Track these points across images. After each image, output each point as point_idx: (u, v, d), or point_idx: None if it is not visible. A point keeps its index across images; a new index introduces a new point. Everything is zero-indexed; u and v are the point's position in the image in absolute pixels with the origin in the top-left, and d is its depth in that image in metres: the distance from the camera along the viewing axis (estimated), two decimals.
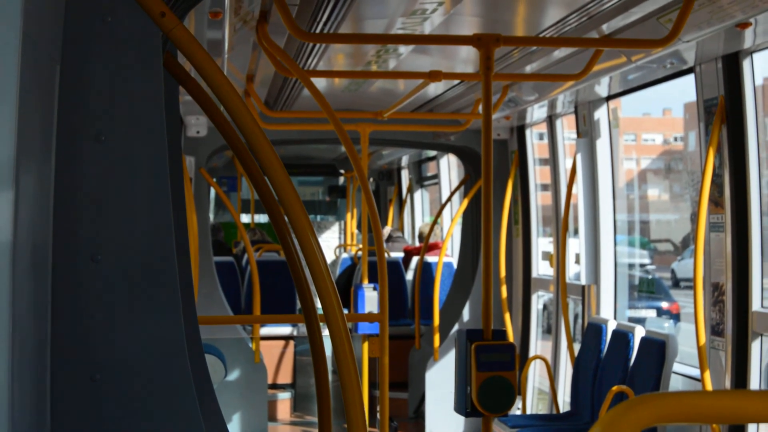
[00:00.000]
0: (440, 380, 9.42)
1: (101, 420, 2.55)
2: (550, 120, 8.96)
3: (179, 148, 3.55)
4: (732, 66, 5.87)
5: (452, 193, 11.19)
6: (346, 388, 2.58)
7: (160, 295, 2.59)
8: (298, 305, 11.12)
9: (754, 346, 5.84)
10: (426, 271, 10.98)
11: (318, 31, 5.52)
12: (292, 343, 11.05)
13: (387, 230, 13.92)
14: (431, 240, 11.39)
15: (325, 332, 2.75)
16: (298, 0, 5.13)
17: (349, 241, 16.47)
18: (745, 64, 5.84)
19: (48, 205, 2.49)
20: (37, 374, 2.42)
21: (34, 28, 2.23)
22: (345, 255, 15.25)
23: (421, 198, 16.40)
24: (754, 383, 5.83)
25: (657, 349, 6.49)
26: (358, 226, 16.60)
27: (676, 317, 16.51)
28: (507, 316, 9.39)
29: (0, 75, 2.13)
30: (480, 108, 6.64)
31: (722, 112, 5.91)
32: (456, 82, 7.88)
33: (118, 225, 2.57)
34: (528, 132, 9.59)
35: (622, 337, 7.09)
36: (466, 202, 10.10)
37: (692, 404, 1.37)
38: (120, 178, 2.58)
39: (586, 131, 8.08)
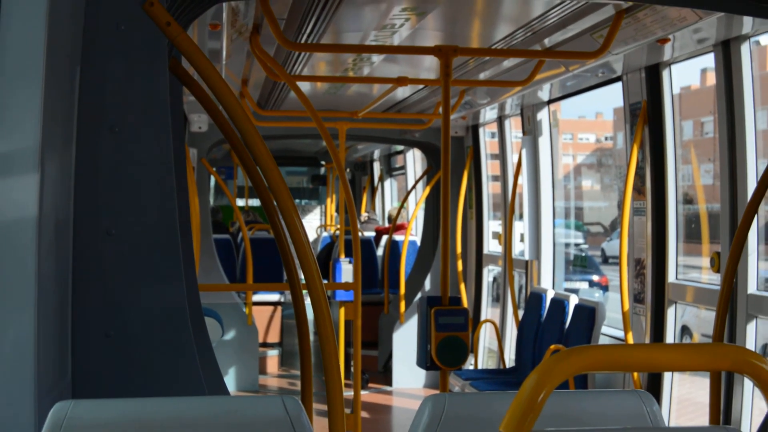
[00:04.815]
0: (405, 340, 9.45)
1: (114, 371, 2.54)
2: (500, 120, 8.97)
3: (183, 140, 3.53)
4: (653, 75, 5.89)
5: (416, 182, 11.19)
6: (325, 346, 2.59)
7: (165, 265, 2.58)
8: (285, 276, 11.08)
9: (670, 312, 5.88)
10: (394, 248, 10.99)
11: (303, 41, 5.49)
12: (279, 308, 11.03)
13: (365, 215, 13.91)
14: (398, 221, 11.39)
15: (308, 299, 2.75)
16: (285, 14, 5.11)
17: (328, 222, 16.44)
18: (665, 74, 5.87)
19: (69, 186, 2.47)
20: (60, 331, 2.40)
21: (57, 34, 2.21)
22: (325, 234, 15.23)
23: (390, 186, 16.39)
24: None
25: (588, 314, 6.52)
26: (337, 210, 16.57)
27: (605, 288, 16.60)
28: (462, 286, 9.41)
29: (27, 74, 2.12)
30: (440, 109, 6.63)
31: (645, 115, 5.93)
32: (420, 86, 7.87)
33: (129, 204, 2.56)
34: (481, 130, 9.60)
35: (559, 304, 7.12)
36: (428, 189, 10.10)
37: (614, 355, 1.38)
38: (131, 164, 2.56)
39: (531, 130, 8.09)
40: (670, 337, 5.89)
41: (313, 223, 19.70)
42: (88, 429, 1.96)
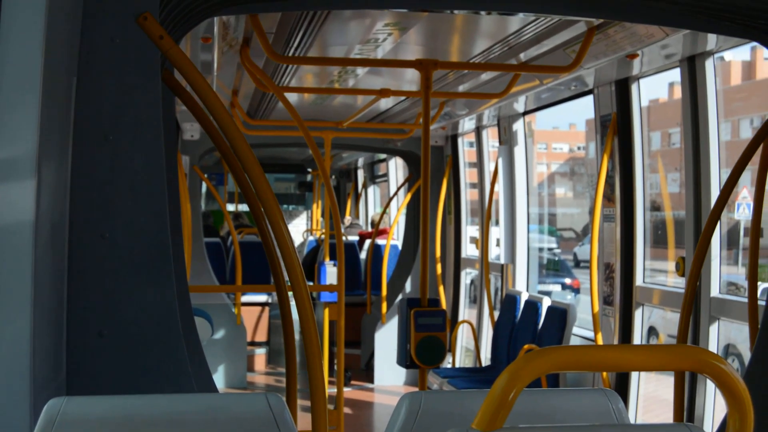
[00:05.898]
0: (386, 339, 9.45)
1: (107, 369, 2.53)
2: (478, 130, 8.99)
3: (175, 148, 3.52)
4: (623, 89, 5.92)
5: (398, 189, 11.20)
6: (308, 345, 2.58)
7: (156, 268, 2.57)
8: (272, 278, 10.97)
9: (637, 314, 5.91)
10: (376, 252, 10.99)
11: (291, 54, 5.49)
12: (267, 308, 11.00)
13: (348, 219, 13.89)
14: (381, 226, 11.39)
15: (293, 300, 2.74)
16: (274, 29, 5.11)
17: (314, 227, 16.43)
18: (634, 87, 5.90)
19: (65, 191, 2.46)
20: (55, 330, 2.39)
21: (54, 47, 2.21)
22: (311, 238, 15.21)
23: (373, 192, 16.39)
24: (637, 343, 5.89)
25: (560, 316, 6.54)
26: (322, 215, 16.56)
27: (576, 291, 16.64)
28: (441, 288, 9.42)
29: (25, 85, 2.11)
30: (421, 120, 6.64)
31: (615, 126, 5.96)
32: (402, 98, 7.88)
33: (123, 209, 2.55)
34: (460, 140, 9.62)
35: (532, 306, 7.14)
36: (409, 196, 10.11)
37: (582, 355, 1.38)
38: (124, 171, 2.56)
39: (507, 140, 8.12)
40: (638, 337, 5.92)
41: (300, 228, 19.68)
42: (80, 424, 1.95)
